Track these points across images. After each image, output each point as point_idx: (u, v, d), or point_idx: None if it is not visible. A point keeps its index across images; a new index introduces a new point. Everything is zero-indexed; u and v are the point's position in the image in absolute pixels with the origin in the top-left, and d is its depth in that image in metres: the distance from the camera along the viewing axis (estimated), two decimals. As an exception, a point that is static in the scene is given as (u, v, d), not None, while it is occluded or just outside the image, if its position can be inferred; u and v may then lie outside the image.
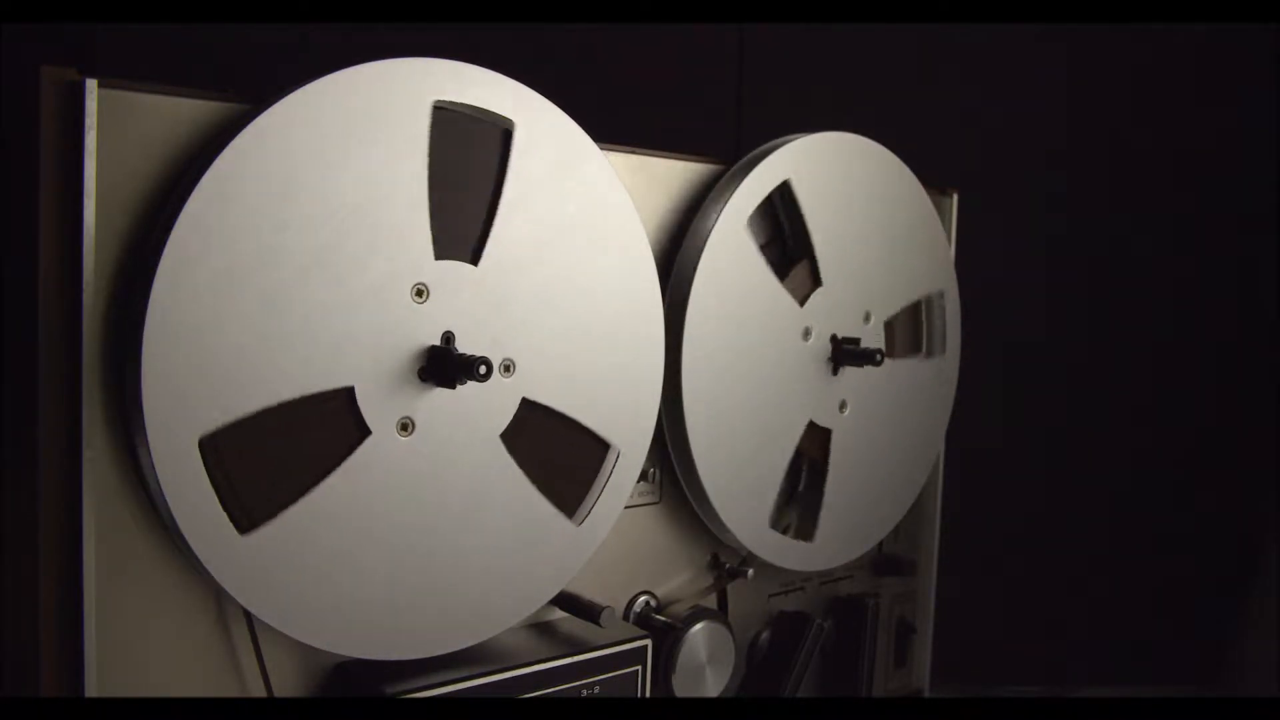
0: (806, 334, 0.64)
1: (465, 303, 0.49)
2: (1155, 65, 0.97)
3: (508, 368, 0.51)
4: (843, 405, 0.66)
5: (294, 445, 0.46)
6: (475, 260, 0.49)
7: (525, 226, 0.51)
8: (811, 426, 0.65)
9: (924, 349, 0.73)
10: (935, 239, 0.72)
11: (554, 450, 0.54)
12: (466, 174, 0.49)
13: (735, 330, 0.60)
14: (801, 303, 0.63)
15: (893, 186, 0.68)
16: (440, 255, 0.48)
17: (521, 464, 0.52)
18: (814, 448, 0.66)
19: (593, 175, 0.53)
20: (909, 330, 0.73)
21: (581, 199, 0.53)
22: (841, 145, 0.65)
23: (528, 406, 0.52)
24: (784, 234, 0.65)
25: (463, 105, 0.48)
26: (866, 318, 0.67)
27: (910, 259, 0.70)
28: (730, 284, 0.60)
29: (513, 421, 0.51)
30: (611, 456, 0.56)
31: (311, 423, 0.46)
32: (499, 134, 0.50)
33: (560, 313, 0.52)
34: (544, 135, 0.51)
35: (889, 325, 0.69)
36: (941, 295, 0.73)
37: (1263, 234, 0.98)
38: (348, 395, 0.46)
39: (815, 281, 0.64)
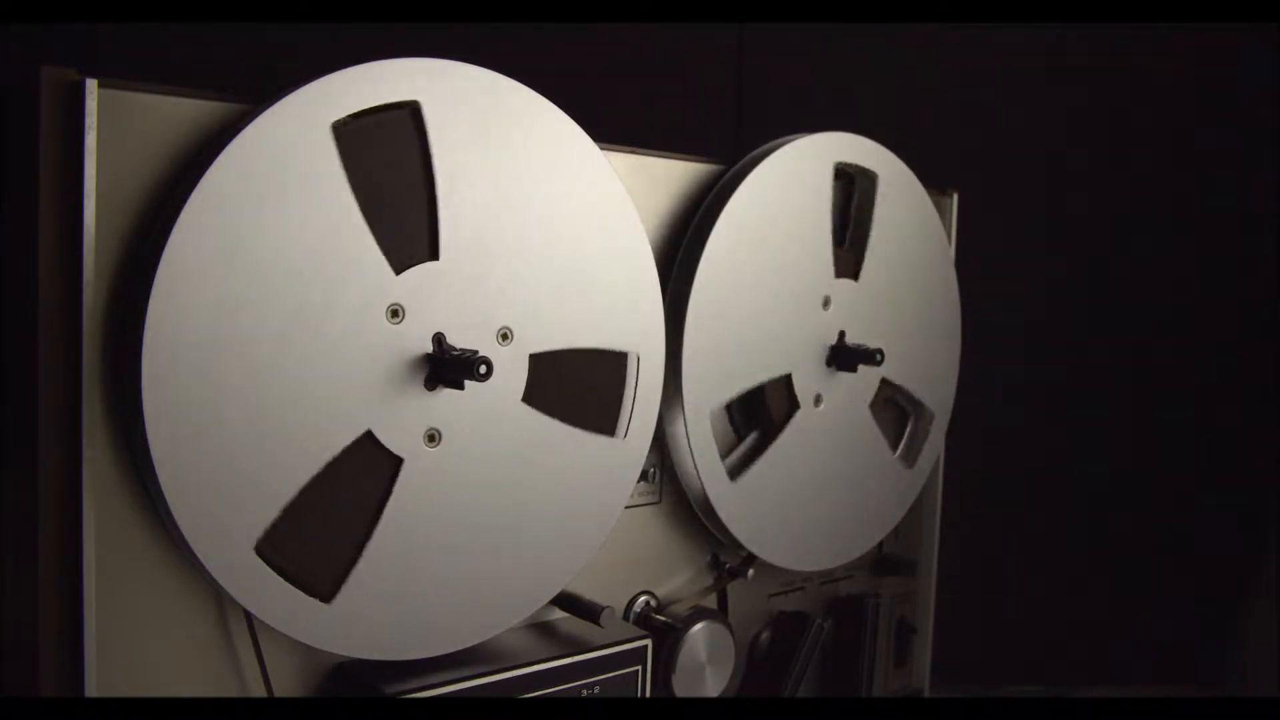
0: (826, 303, 0.64)
1: (441, 300, 0.48)
2: (1155, 65, 0.97)
3: (505, 336, 0.50)
4: (818, 399, 0.66)
5: (338, 502, 0.47)
6: (435, 254, 0.48)
7: (470, 195, 0.49)
8: (788, 386, 0.64)
9: (899, 451, 0.73)
10: (951, 357, 0.74)
11: (578, 383, 0.54)
12: (402, 168, 0.48)
13: (766, 250, 0.61)
14: (836, 276, 0.65)
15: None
16: (401, 266, 0.47)
17: (553, 413, 0.52)
18: (778, 408, 0.65)
19: (519, 108, 0.50)
20: (895, 424, 0.73)
21: (514, 137, 0.50)
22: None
23: (537, 360, 0.52)
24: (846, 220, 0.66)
25: (360, 112, 0.45)
26: (877, 354, 0.67)
27: (933, 344, 0.72)
28: (784, 197, 0.61)
29: (529, 381, 0.51)
30: (632, 362, 0.55)
31: (345, 475, 0.47)
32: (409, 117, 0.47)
33: (535, 257, 0.51)
34: (454, 99, 0.48)
35: (883, 390, 0.69)
36: (932, 418, 0.73)
37: (1263, 234, 0.98)
38: (368, 437, 0.47)
39: (854, 271, 0.66)
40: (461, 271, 0.49)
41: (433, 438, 0.48)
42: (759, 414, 0.64)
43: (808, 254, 0.63)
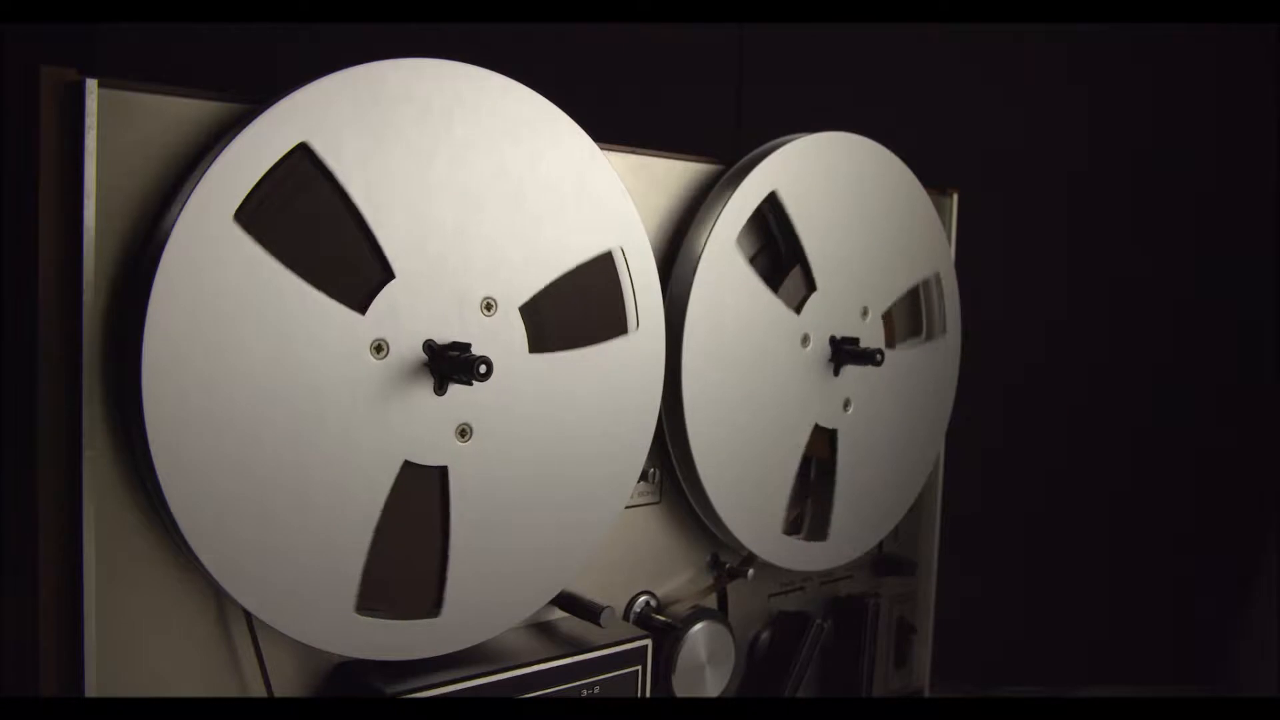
0: (805, 340, 0.64)
1: (415, 310, 0.47)
2: (1155, 65, 0.97)
3: (489, 306, 0.50)
4: (846, 403, 0.66)
5: (407, 532, 0.48)
6: (390, 272, 0.47)
7: (396, 199, 0.47)
8: (817, 429, 0.65)
9: (924, 332, 0.73)
10: (929, 224, 0.72)
11: (576, 304, 0.54)
12: (325, 201, 0.46)
13: (734, 345, 0.60)
14: (798, 310, 0.63)
15: (893, 186, 0.68)
16: (364, 302, 0.46)
17: (564, 346, 0.53)
18: (820, 449, 0.66)
19: (415, 90, 0.47)
20: (908, 315, 0.73)
21: (413, 120, 0.47)
22: (840, 145, 0.65)
23: (528, 308, 0.51)
24: (776, 241, 0.64)
25: (255, 185, 0.43)
26: (864, 313, 0.67)
27: (905, 248, 0.70)
28: (725, 302, 0.60)
29: (528, 331, 0.51)
30: (618, 257, 0.55)
31: (402, 508, 0.48)
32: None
33: (486, 214, 0.49)
34: (336, 119, 0.45)
35: (887, 314, 0.69)
36: (939, 277, 0.72)
37: (1263, 235, 0.98)
38: (407, 466, 0.48)
39: (810, 286, 0.64)
40: (421, 274, 0.48)
41: (464, 432, 0.49)
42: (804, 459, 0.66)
43: (768, 321, 0.62)
